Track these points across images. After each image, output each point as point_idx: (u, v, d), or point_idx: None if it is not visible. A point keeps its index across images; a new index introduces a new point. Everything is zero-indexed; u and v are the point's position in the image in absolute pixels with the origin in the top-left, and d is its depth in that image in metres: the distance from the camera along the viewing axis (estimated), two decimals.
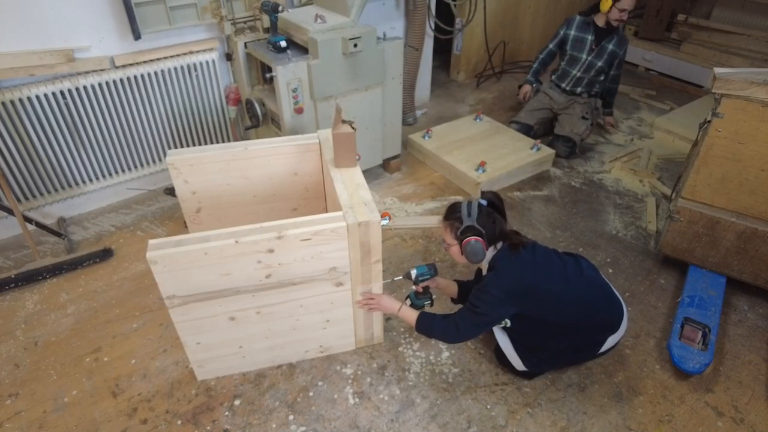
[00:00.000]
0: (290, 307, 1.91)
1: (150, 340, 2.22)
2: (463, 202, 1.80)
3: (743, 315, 2.34)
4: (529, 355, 1.95)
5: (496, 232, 1.77)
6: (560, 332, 1.87)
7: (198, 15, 2.78)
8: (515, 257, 1.78)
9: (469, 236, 1.73)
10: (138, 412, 1.94)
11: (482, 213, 1.76)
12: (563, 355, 1.96)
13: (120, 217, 2.98)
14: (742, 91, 1.97)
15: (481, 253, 1.73)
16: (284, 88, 2.56)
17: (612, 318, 1.91)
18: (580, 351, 1.97)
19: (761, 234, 2.18)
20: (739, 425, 1.90)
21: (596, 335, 1.91)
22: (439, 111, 4.16)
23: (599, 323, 1.90)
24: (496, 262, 1.79)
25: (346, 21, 2.68)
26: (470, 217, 1.75)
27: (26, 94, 2.45)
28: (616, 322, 1.91)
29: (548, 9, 4.94)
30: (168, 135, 3.00)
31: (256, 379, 2.06)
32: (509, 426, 1.89)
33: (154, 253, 1.61)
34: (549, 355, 1.94)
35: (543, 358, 1.95)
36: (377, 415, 1.93)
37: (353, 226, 1.75)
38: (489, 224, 1.76)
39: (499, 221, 1.79)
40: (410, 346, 2.19)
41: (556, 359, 1.99)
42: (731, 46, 4.28)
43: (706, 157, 2.17)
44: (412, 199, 3.14)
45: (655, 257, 2.65)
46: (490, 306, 1.77)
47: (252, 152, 2.23)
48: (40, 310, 2.37)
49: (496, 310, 1.79)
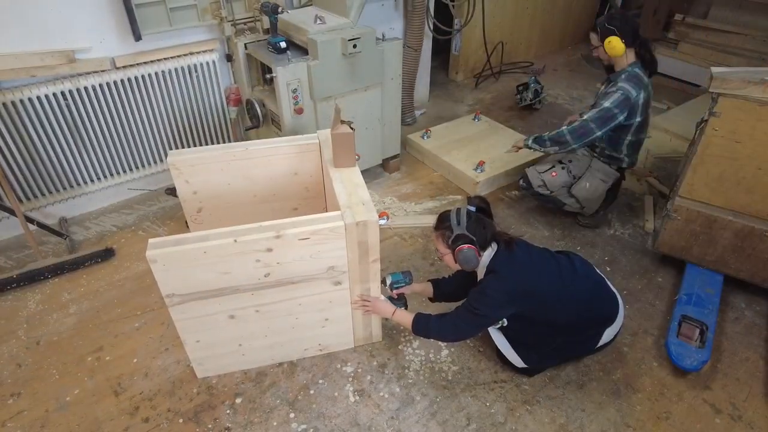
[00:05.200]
0: (289, 305, 1.93)
1: (152, 339, 2.23)
2: (452, 211, 1.82)
3: (740, 313, 2.36)
4: (527, 352, 1.97)
5: (487, 236, 1.80)
6: (557, 329, 1.90)
7: (198, 16, 2.80)
8: (513, 259, 1.81)
9: (460, 244, 1.75)
10: (140, 410, 1.95)
11: (471, 220, 1.79)
12: (561, 350, 1.99)
13: (121, 217, 2.99)
14: (738, 90, 1.98)
15: (474, 259, 1.75)
16: (284, 89, 2.58)
17: (607, 312, 1.95)
18: (578, 345, 2.00)
19: (758, 232, 2.19)
20: (736, 422, 1.91)
21: (593, 329, 1.95)
22: (438, 111, 4.17)
23: (595, 318, 1.94)
24: (495, 265, 1.81)
25: (345, 22, 2.70)
26: (459, 226, 1.77)
27: (27, 95, 2.46)
28: (612, 316, 1.95)
29: (546, 9, 4.96)
30: (169, 135, 3.01)
31: (257, 378, 2.07)
32: (508, 423, 1.90)
33: (154, 251, 1.63)
34: (547, 351, 1.97)
35: (542, 354, 1.98)
36: (377, 412, 1.94)
37: (351, 226, 1.76)
38: (479, 230, 1.78)
39: (489, 225, 1.82)
40: (410, 345, 2.20)
41: (554, 354, 2.01)
42: (728, 46, 4.29)
43: (703, 156, 2.18)
44: (411, 198, 3.15)
45: (653, 255, 2.66)
46: (490, 308, 1.79)
47: (253, 152, 2.24)
48: (42, 309, 2.38)
49: (496, 312, 1.82)
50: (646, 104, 2.51)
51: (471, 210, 1.82)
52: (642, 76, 2.48)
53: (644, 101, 2.48)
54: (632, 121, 2.50)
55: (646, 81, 2.49)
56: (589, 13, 5.48)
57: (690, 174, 2.25)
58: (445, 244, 1.82)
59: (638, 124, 2.52)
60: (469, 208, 1.83)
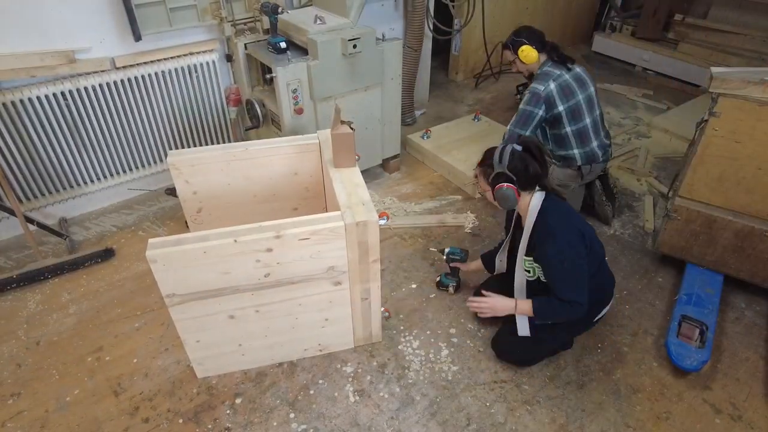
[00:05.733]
0: (289, 305, 1.93)
1: (152, 340, 2.23)
2: (497, 148, 1.83)
3: (740, 313, 2.36)
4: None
5: (529, 177, 1.79)
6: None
7: (198, 16, 2.80)
8: (563, 206, 1.87)
9: (500, 182, 1.77)
10: (140, 410, 1.95)
11: (515, 158, 1.78)
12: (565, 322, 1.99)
13: (121, 217, 2.99)
14: (738, 90, 1.98)
15: (512, 199, 1.78)
16: (284, 89, 2.58)
17: (611, 287, 2.07)
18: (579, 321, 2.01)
19: (758, 232, 2.19)
20: (736, 422, 1.91)
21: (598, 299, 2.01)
22: (438, 111, 4.18)
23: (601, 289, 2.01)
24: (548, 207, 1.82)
25: (345, 22, 2.70)
26: (501, 164, 1.78)
27: (27, 95, 2.46)
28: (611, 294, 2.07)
29: (546, 9, 4.96)
30: (169, 135, 3.01)
31: (257, 378, 2.07)
32: (508, 423, 1.90)
33: (154, 251, 1.63)
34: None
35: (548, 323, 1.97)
36: (377, 412, 1.94)
37: (351, 226, 1.76)
38: (521, 169, 1.77)
39: (534, 167, 1.80)
40: (409, 345, 2.20)
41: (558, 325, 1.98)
42: (728, 46, 4.29)
43: (703, 156, 2.18)
44: (411, 198, 3.15)
45: (653, 255, 2.66)
46: (579, 258, 1.80)
47: (252, 152, 2.24)
48: (42, 310, 2.38)
49: (581, 252, 1.82)
50: (565, 90, 2.55)
51: (517, 149, 1.81)
52: (550, 71, 2.57)
53: (559, 89, 2.53)
54: (556, 111, 2.55)
55: (556, 73, 2.56)
56: (588, 13, 5.49)
57: (690, 174, 2.25)
58: (485, 180, 1.85)
59: (567, 111, 2.56)
60: (515, 146, 1.81)
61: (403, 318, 2.32)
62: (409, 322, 2.30)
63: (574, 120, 2.59)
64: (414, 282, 2.52)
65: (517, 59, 2.68)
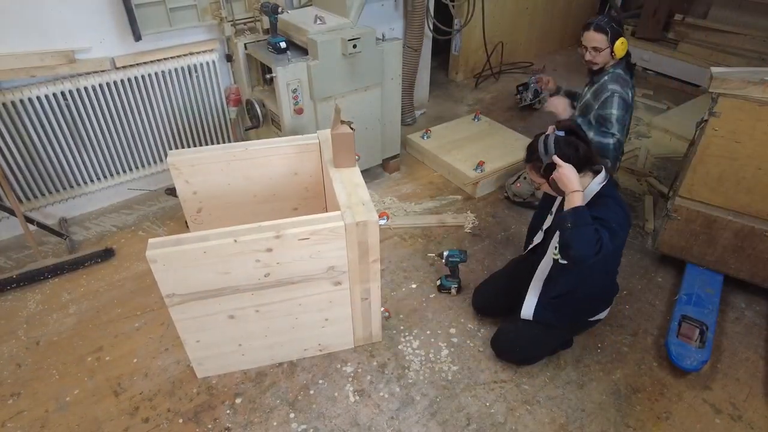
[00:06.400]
0: (289, 305, 1.93)
1: (151, 339, 2.23)
2: (539, 140, 1.80)
3: (740, 313, 2.36)
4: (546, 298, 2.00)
5: (580, 157, 1.77)
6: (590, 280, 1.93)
7: (198, 16, 2.80)
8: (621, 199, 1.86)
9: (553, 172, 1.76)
10: (140, 410, 1.95)
11: (560, 144, 1.76)
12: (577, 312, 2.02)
13: (121, 217, 2.99)
14: (738, 90, 1.98)
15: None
16: (284, 89, 2.58)
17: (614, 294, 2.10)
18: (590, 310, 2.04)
19: (758, 232, 2.19)
20: (736, 422, 1.91)
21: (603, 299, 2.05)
22: (438, 111, 4.18)
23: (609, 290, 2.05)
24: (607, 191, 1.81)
25: (345, 22, 2.70)
26: (547, 154, 1.76)
27: (27, 95, 2.46)
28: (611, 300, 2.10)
29: (546, 9, 4.96)
30: (169, 135, 3.01)
31: (257, 378, 2.07)
32: (508, 423, 1.90)
33: (154, 251, 1.63)
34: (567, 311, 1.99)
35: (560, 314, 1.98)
36: (377, 412, 1.94)
37: (351, 226, 1.76)
38: (571, 152, 1.75)
39: (582, 147, 1.78)
40: (409, 345, 2.20)
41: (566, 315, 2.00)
42: (728, 46, 4.29)
43: (703, 156, 2.18)
44: (411, 198, 3.15)
45: (653, 255, 2.66)
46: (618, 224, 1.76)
47: (252, 152, 2.24)
48: (42, 310, 2.39)
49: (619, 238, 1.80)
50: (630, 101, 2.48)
51: (559, 135, 1.79)
52: (627, 78, 2.44)
53: (630, 99, 2.44)
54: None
55: (630, 81, 2.46)
56: (588, 13, 5.47)
57: (690, 174, 2.25)
58: (538, 174, 1.83)
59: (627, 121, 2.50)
60: (557, 133, 1.80)
61: (403, 318, 2.33)
62: (409, 322, 2.30)
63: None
64: (414, 282, 2.52)
65: (609, 48, 2.39)
